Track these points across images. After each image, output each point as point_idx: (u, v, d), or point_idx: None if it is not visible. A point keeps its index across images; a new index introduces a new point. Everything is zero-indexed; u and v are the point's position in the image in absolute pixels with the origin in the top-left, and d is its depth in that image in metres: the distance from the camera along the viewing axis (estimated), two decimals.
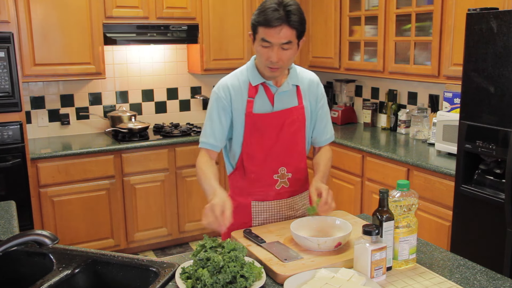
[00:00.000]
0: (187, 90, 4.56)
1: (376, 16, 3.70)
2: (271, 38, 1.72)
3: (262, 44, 1.76)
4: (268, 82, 1.88)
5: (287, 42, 1.74)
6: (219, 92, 1.90)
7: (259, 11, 1.74)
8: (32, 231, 1.38)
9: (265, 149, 1.90)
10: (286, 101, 1.91)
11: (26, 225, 3.29)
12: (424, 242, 1.79)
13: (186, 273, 1.46)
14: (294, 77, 1.92)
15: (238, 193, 1.98)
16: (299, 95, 1.93)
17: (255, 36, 1.79)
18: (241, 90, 1.88)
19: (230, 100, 1.88)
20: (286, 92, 1.90)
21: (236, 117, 1.89)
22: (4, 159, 3.26)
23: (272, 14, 1.69)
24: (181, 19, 4.05)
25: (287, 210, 1.98)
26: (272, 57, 1.75)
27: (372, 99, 4.35)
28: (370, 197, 3.47)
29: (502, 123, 2.36)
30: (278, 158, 1.92)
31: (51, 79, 3.73)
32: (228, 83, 1.90)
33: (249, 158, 1.91)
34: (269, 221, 1.96)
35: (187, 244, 4.19)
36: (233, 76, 1.92)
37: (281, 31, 1.71)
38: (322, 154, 2.02)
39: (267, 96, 1.89)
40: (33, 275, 1.62)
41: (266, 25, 1.71)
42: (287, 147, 1.92)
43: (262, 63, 1.81)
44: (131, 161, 3.77)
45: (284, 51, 1.76)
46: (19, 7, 3.47)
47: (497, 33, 2.34)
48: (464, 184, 2.59)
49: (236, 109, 1.88)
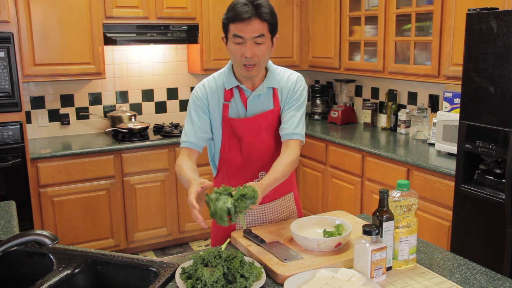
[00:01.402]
0: (187, 90, 4.56)
1: (376, 16, 3.70)
2: (242, 33, 1.71)
3: (234, 41, 1.73)
4: (242, 86, 1.85)
5: (259, 35, 1.72)
6: (196, 92, 1.88)
7: (229, 9, 1.74)
8: (32, 231, 1.38)
9: (243, 154, 1.88)
10: (261, 105, 1.87)
11: (26, 225, 3.29)
12: (424, 242, 1.79)
13: (186, 273, 1.46)
14: (271, 79, 1.87)
15: None
16: (275, 98, 1.88)
17: (227, 35, 1.77)
18: (217, 93, 1.86)
19: (207, 101, 1.86)
20: (260, 96, 1.86)
21: (214, 121, 1.88)
22: (4, 159, 3.27)
23: (241, 8, 1.69)
24: (181, 19, 4.05)
25: (270, 214, 1.96)
26: (246, 52, 1.72)
27: (372, 99, 4.35)
28: (370, 197, 3.47)
29: (502, 123, 2.36)
30: (257, 163, 1.89)
31: (51, 79, 3.73)
32: (206, 85, 1.88)
33: (228, 163, 1.90)
34: (253, 224, 1.94)
35: (187, 244, 4.19)
36: (211, 79, 1.90)
37: (252, 24, 1.69)
38: (281, 157, 1.82)
39: (241, 100, 1.86)
40: (33, 275, 1.61)
41: (236, 20, 1.70)
42: (265, 152, 1.89)
43: (237, 62, 1.77)
44: (131, 161, 3.77)
45: (257, 46, 1.73)
46: (19, 7, 3.47)
47: (497, 33, 2.34)
48: (464, 184, 2.59)
49: (212, 111, 1.87)
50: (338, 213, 1.94)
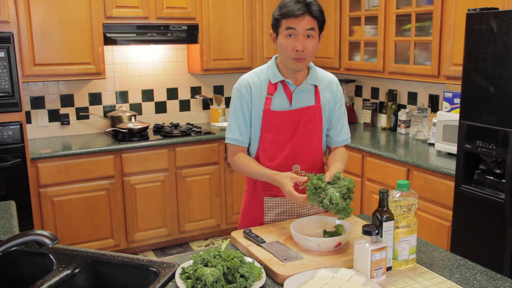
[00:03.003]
0: (187, 90, 4.56)
1: (376, 16, 3.70)
2: (295, 25, 1.80)
3: (288, 33, 1.83)
4: (287, 80, 1.93)
5: (310, 29, 1.82)
6: (241, 89, 1.95)
7: (281, 7, 1.85)
8: (32, 231, 1.38)
9: (280, 146, 1.94)
10: (304, 100, 1.95)
11: (26, 225, 3.29)
12: (424, 242, 1.79)
13: (186, 273, 1.46)
14: (313, 77, 1.97)
15: (252, 189, 2.02)
16: (317, 95, 1.97)
17: (278, 30, 1.86)
18: (261, 87, 1.94)
19: (251, 97, 1.93)
20: (304, 91, 1.95)
21: (255, 114, 1.94)
22: (4, 159, 3.26)
23: (294, 6, 1.81)
24: (181, 19, 4.05)
25: (299, 208, 2.00)
26: (298, 46, 1.81)
27: (372, 99, 4.35)
28: (370, 197, 3.47)
29: (502, 123, 2.36)
30: (293, 156, 1.94)
31: (51, 79, 3.73)
32: (249, 80, 1.95)
33: (264, 153, 1.95)
34: (281, 217, 1.99)
35: (187, 244, 4.19)
36: (253, 74, 1.98)
37: (304, 20, 1.80)
38: (338, 153, 2.03)
39: (285, 94, 1.94)
40: (33, 275, 1.61)
41: (290, 16, 1.80)
42: (302, 145, 1.95)
43: (288, 55, 1.85)
44: (131, 161, 3.77)
45: (308, 40, 1.83)
46: (19, 7, 3.47)
47: (497, 33, 2.34)
48: (464, 184, 2.59)
49: (255, 105, 1.93)
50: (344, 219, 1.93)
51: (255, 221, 1.99)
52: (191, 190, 4.04)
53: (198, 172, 4.04)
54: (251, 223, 1.99)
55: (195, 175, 4.04)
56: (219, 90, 4.69)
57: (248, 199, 2.05)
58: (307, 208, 2.01)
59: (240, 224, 2.09)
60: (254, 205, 2.01)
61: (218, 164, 4.12)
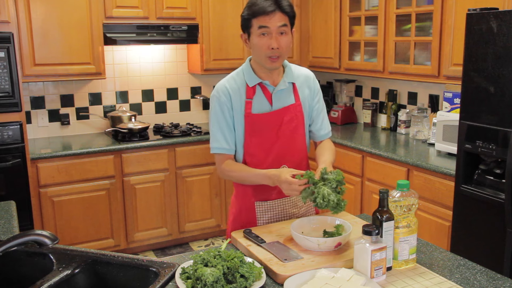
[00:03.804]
0: (187, 90, 4.56)
1: (376, 16, 3.70)
2: (268, 23, 1.78)
3: (260, 32, 1.81)
4: (264, 82, 1.91)
5: (283, 25, 1.80)
6: (219, 96, 1.91)
7: (249, 6, 1.82)
8: (32, 231, 1.38)
9: (265, 148, 1.92)
10: (284, 99, 1.93)
11: (26, 225, 3.29)
12: (424, 242, 1.79)
13: (186, 273, 1.46)
14: (289, 75, 1.95)
15: (242, 195, 2.00)
16: (295, 93, 1.96)
17: (250, 31, 1.84)
18: (239, 91, 1.91)
19: (231, 102, 1.90)
20: (283, 91, 1.93)
21: (237, 119, 1.91)
22: (4, 159, 3.27)
23: (264, 3, 1.79)
24: (181, 19, 4.05)
25: (290, 208, 1.99)
26: (273, 44, 1.80)
27: (372, 99, 4.35)
28: (370, 197, 3.47)
29: (502, 123, 2.36)
30: (280, 157, 1.93)
31: (51, 79, 3.73)
32: (227, 86, 1.92)
33: (251, 158, 1.93)
34: (273, 220, 1.97)
35: (187, 244, 4.19)
36: (230, 79, 1.95)
37: (275, 16, 1.78)
38: (325, 145, 2.03)
39: (265, 96, 1.92)
40: (33, 275, 1.61)
41: (260, 14, 1.78)
42: (287, 145, 1.94)
43: (262, 54, 1.83)
44: (131, 161, 3.77)
45: (281, 37, 1.81)
46: (19, 7, 3.47)
47: (497, 33, 2.34)
48: (464, 184, 2.59)
49: (236, 110, 1.90)
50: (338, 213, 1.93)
51: (247, 226, 1.94)
52: (191, 190, 4.04)
53: (198, 172, 4.04)
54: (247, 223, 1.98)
55: (195, 175, 4.04)
56: None
57: (238, 205, 2.02)
58: (298, 207, 2.00)
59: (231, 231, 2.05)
60: (245, 211, 1.98)
61: None
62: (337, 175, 1.65)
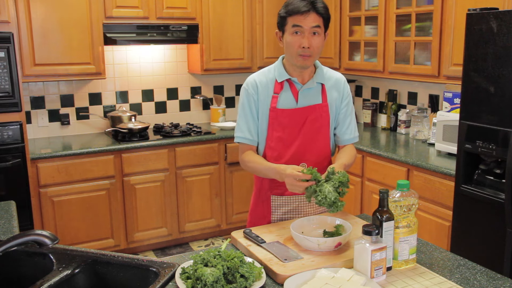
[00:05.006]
0: (187, 90, 4.56)
1: (376, 16, 3.70)
2: (301, 22, 1.83)
3: (294, 31, 1.85)
4: (293, 79, 1.95)
5: (316, 26, 1.85)
6: (248, 88, 1.98)
7: (286, 5, 1.88)
8: (32, 231, 1.38)
9: (286, 144, 1.95)
10: (310, 98, 1.96)
11: (26, 225, 3.29)
12: (424, 242, 1.79)
13: (186, 273, 1.46)
14: (320, 75, 1.99)
15: (259, 187, 2.03)
16: (323, 93, 1.99)
17: (284, 28, 1.89)
18: (267, 86, 1.96)
19: (257, 95, 1.96)
20: (310, 89, 1.96)
21: (262, 113, 1.96)
22: (4, 159, 3.26)
23: (300, 3, 1.84)
24: (181, 19, 4.05)
25: (306, 207, 2.01)
26: (304, 43, 1.84)
27: (372, 99, 4.35)
28: (370, 197, 3.47)
29: (502, 123, 2.36)
30: (299, 154, 1.95)
31: (51, 79, 3.73)
32: (256, 79, 1.98)
33: (271, 152, 1.96)
34: (287, 216, 1.99)
35: (187, 244, 4.19)
36: (261, 74, 2.01)
37: (310, 17, 1.84)
38: (346, 150, 2.04)
39: (291, 92, 1.95)
40: (33, 275, 1.61)
41: (295, 13, 1.84)
42: (308, 143, 1.96)
43: (294, 52, 1.87)
44: (131, 161, 3.77)
45: (314, 37, 1.86)
46: (19, 7, 3.47)
47: (497, 33, 2.34)
48: (464, 184, 2.59)
49: (262, 104, 1.96)
50: (338, 213, 1.93)
51: (262, 219, 2.00)
52: (191, 190, 4.04)
53: (198, 172, 4.04)
54: (259, 221, 2.01)
55: (195, 175, 4.04)
56: (219, 90, 4.69)
57: (255, 197, 2.07)
58: (314, 207, 2.02)
59: (248, 222, 2.10)
60: (261, 204, 2.02)
61: (218, 164, 4.12)
62: (342, 176, 1.66)
